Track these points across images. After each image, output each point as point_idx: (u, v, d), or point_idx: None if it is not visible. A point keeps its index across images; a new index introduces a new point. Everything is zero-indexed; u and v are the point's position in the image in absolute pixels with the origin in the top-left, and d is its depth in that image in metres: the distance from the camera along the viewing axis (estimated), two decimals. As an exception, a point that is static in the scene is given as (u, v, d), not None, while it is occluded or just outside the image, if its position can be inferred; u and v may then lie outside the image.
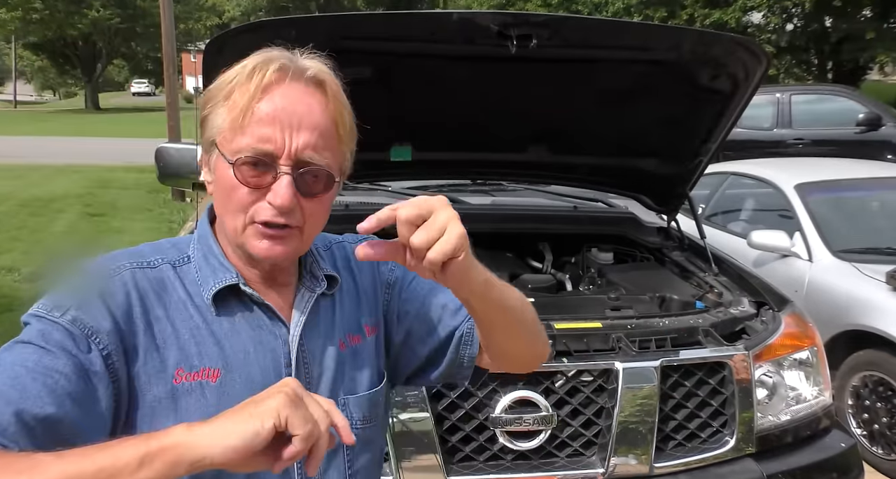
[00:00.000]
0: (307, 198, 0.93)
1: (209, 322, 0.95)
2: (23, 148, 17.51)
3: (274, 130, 0.90)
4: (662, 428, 2.08)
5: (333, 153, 0.95)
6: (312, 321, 1.01)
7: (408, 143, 2.77)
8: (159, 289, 0.95)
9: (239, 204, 0.92)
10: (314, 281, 1.03)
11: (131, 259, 0.96)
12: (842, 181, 4.60)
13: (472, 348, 1.10)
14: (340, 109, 0.96)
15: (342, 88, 0.98)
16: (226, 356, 0.94)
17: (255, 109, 0.90)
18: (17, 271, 6.61)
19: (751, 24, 18.42)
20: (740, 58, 2.34)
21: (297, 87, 0.92)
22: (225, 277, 0.96)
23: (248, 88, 0.90)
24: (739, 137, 7.39)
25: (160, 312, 0.93)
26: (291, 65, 0.93)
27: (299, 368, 0.98)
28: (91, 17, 34.39)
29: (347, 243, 1.15)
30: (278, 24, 2.30)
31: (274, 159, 0.90)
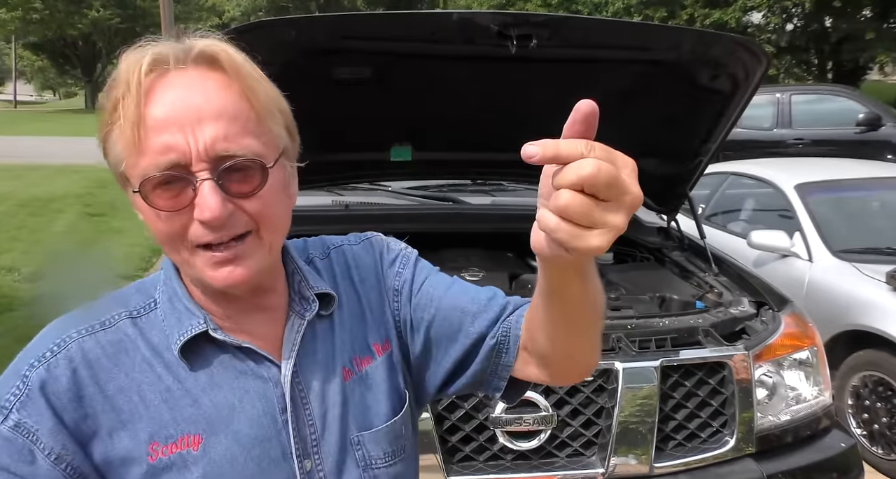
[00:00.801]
0: (244, 198, 0.76)
1: (183, 380, 0.81)
2: (23, 148, 17.51)
3: (172, 134, 0.73)
4: (662, 428, 2.08)
5: (257, 136, 0.77)
6: (308, 351, 0.87)
7: (408, 143, 2.77)
8: (117, 353, 0.80)
9: (171, 235, 0.77)
10: (304, 304, 0.88)
11: (81, 323, 0.82)
12: (842, 181, 4.60)
13: (508, 356, 0.93)
14: (250, 83, 0.78)
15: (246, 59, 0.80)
16: (207, 417, 0.80)
17: (145, 118, 0.73)
18: (17, 271, 6.61)
19: (751, 24, 18.42)
20: (740, 58, 2.34)
21: (183, 74, 0.75)
22: (191, 324, 0.81)
23: (129, 96, 0.74)
24: (739, 137, 7.41)
25: (122, 380, 0.79)
26: (170, 51, 0.76)
27: (298, 410, 0.84)
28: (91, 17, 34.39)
29: (348, 245, 1.00)
30: (278, 24, 2.29)
31: (185, 169, 0.74)
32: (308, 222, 2.83)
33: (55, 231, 8.54)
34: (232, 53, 0.78)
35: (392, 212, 3.08)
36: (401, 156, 2.78)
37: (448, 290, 0.96)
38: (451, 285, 0.97)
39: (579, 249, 0.60)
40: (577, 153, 0.59)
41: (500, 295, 0.97)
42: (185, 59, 0.76)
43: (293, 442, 0.83)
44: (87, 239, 8.16)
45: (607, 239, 0.60)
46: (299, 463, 0.83)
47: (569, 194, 0.59)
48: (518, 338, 0.92)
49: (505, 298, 0.97)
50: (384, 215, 3.02)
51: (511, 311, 0.94)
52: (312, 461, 0.84)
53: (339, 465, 0.86)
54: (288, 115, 0.83)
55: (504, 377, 0.94)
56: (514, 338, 0.92)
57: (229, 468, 0.80)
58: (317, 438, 0.85)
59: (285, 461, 0.82)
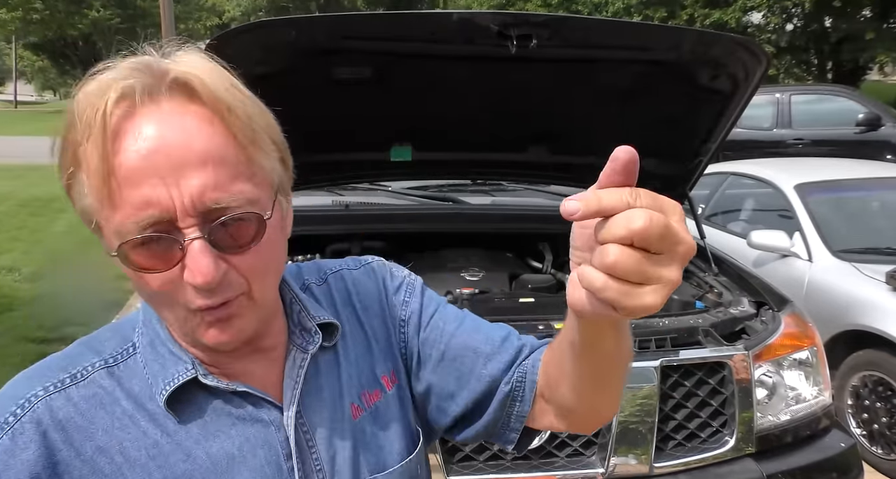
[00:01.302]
0: (238, 254, 0.67)
1: (172, 433, 0.71)
2: (23, 148, 17.48)
3: (151, 186, 0.62)
4: (662, 428, 2.08)
5: (248, 178, 0.67)
6: (312, 389, 0.79)
7: (408, 143, 2.77)
8: (92, 409, 0.70)
9: (156, 296, 0.68)
10: (305, 336, 0.80)
11: (49, 378, 0.71)
12: (842, 181, 4.60)
13: (523, 405, 0.86)
14: (233, 115, 0.66)
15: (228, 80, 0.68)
16: (203, 473, 0.71)
17: (115, 168, 0.63)
18: (17, 271, 6.62)
19: (751, 24, 18.42)
20: (740, 58, 2.34)
21: (156, 110, 0.64)
22: (177, 371, 0.72)
23: (93, 140, 0.63)
24: (739, 137, 7.41)
25: (100, 440, 0.69)
26: (139, 81, 0.64)
27: (304, 455, 0.76)
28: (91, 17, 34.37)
29: (347, 270, 0.90)
30: (278, 24, 2.29)
31: (170, 225, 0.64)
32: (308, 222, 2.83)
33: (55, 231, 8.54)
34: (207, 80, 0.66)
35: (392, 212, 3.08)
36: (401, 156, 2.78)
37: (459, 326, 0.88)
38: (462, 320, 0.89)
39: (631, 308, 0.54)
40: (623, 204, 0.53)
41: (514, 335, 0.90)
42: (157, 89, 0.64)
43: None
44: (87, 239, 8.12)
45: (662, 295, 0.54)
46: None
47: (617, 249, 0.52)
48: (535, 384, 0.85)
49: (520, 338, 0.90)
50: (384, 215, 3.02)
51: (527, 354, 0.88)
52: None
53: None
54: (282, 143, 0.73)
55: (518, 429, 0.87)
56: (529, 384, 0.85)
57: None
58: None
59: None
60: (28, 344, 4.66)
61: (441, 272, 2.65)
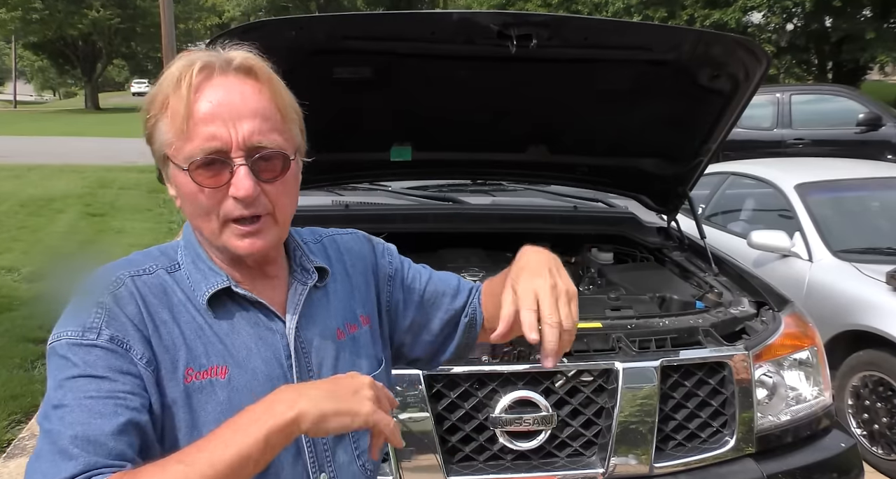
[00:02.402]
0: (268, 183, 0.95)
1: (210, 324, 0.98)
2: (23, 148, 17.51)
3: (217, 126, 0.91)
4: (662, 428, 2.08)
5: (282, 133, 0.96)
6: (307, 313, 1.05)
7: (408, 143, 2.77)
8: (160, 293, 0.97)
9: (207, 207, 0.94)
10: (305, 274, 1.07)
11: (127, 268, 0.98)
12: (842, 181, 4.60)
13: (475, 330, 1.23)
14: (277, 90, 0.97)
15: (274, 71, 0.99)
16: (231, 354, 0.97)
17: (193, 112, 0.91)
18: (17, 271, 6.61)
19: (751, 24, 18.42)
20: (740, 58, 2.34)
21: (226, 79, 0.93)
22: (216, 280, 0.99)
23: (181, 93, 0.91)
24: (739, 137, 7.40)
25: (165, 315, 0.96)
26: (216, 60, 0.94)
27: (300, 358, 1.02)
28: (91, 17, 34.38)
29: (338, 235, 1.20)
30: (278, 24, 2.30)
31: (225, 155, 0.91)
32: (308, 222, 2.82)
33: (55, 231, 8.54)
34: (264, 65, 0.97)
35: (392, 212, 3.08)
36: (401, 156, 2.78)
37: (430, 277, 1.24)
38: (429, 272, 1.25)
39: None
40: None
41: (462, 281, 1.28)
42: (227, 68, 0.94)
43: (296, 381, 0.99)
44: (87, 239, 8.16)
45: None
46: None
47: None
48: (481, 316, 1.23)
49: (467, 283, 1.27)
50: (384, 215, 3.02)
51: (475, 295, 1.25)
52: None
53: None
54: (301, 117, 1.02)
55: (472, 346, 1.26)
56: (479, 316, 1.23)
57: (247, 397, 0.95)
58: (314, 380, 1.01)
59: None
60: (28, 344, 4.66)
61: (441, 272, 2.65)
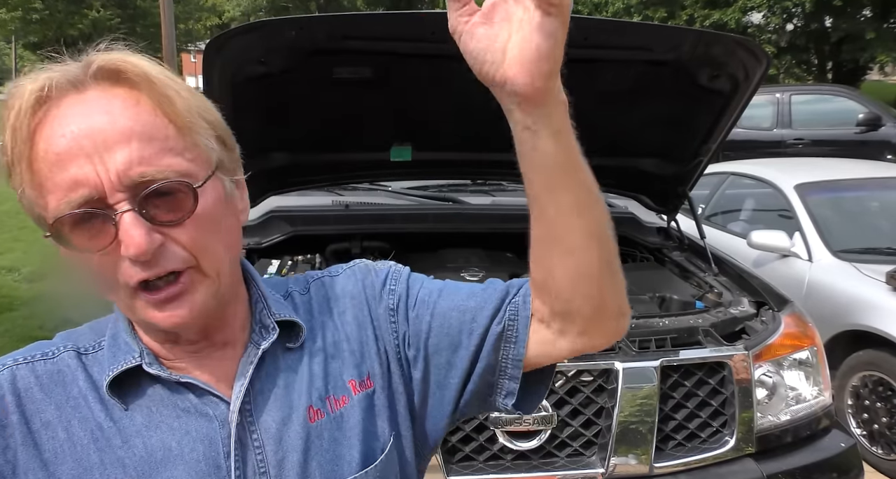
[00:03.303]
0: (172, 226, 0.67)
1: (116, 419, 0.72)
2: (23, 148, 17.50)
3: (78, 166, 0.64)
4: (662, 428, 2.08)
5: (178, 153, 0.68)
6: (266, 387, 0.76)
7: (408, 143, 2.76)
8: (51, 385, 0.73)
9: (103, 279, 0.69)
10: (263, 332, 0.78)
11: (23, 354, 0.76)
12: (842, 181, 4.60)
13: (518, 347, 0.81)
14: (163, 94, 0.68)
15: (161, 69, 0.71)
16: (136, 462, 0.71)
17: (42, 155, 0.65)
18: (17, 271, 6.62)
19: (751, 24, 18.42)
20: (740, 58, 2.34)
21: (81, 98, 0.66)
22: (125, 359, 0.73)
23: (20, 132, 0.66)
24: (739, 137, 7.40)
25: (51, 414, 0.71)
26: (67, 72, 0.67)
27: (246, 453, 0.73)
28: (91, 18, 34.34)
29: (328, 277, 0.89)
30: (278, 24, 2.29)
31: (101, 203, 0.65)
32: (308, 222, 2.84)
33: (55, 231, 8.54)
34: (138, 63, 0.68)
35: (392, 212, 3.08)
36: (401, 156, 2.78)
37: (441, 293, 0.86)
38: (443, 287, 0.87)
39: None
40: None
41: (499, 282, 0.87)
42: (83, 80, 0.67)
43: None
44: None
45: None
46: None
47: None
48: (528, 320, 0.81)
49: (507, 283, 0.86)
50: (384, 215, 3.02)
51: (515, 292, 0.83)
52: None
53: None
54: (219, 123, 0.74)
55: (516, 377, 0.82)
56: (523, 321, 0.81)
57: None
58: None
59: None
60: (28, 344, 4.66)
61: (441, 272, 2.65)
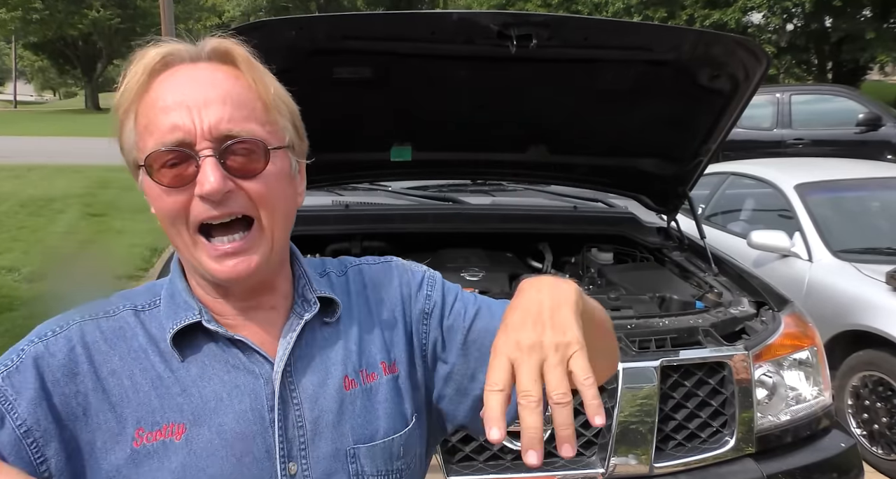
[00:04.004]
0: (246, 179, 0.79)
1: (175, 370, 0.82)
2: (23, 148, 17.50)
3: (179, 115, 0.77)
4: (662, 428, 2.08)
5: (261, 123, 0.80)
6: (305, 353, 0.86)
7: (408, 143, 2.76)
8: (115, 339, 0.83)
9: (172, 213, 0.79)
10: (305, 305, 0.88)
11: (87, 312, 0.85)
12: (842, 181, 4.60)
13: None
14: (259, 78, 0.82)
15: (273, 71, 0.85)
16: (193, 407, 0.81)
17: (153, 102, 0.78)
18: (17, 271, 6.61)
19: (751, 24, 18.41)
20: (740, 58, 2.34)
21: (195, 67, 0.80)
22: (185, 315, 0.83)
23: (141, 84, 0.79)
24: (739, 137, 7.41)
25: (116, 364, 0.81)
26: (185, 48, 0.81)
27: (287, 409, 0.83)
28: (91, 17, 34.35)
29: (366, 265, 1.00)
30: (278, 24, 2.29)
31: (189, 146, 0.77)
32: (308, 222, 2.83)
33: (55, 231, 8.53)
34: (245, 53, 0.82)
35: (392, 212, 3.08)
36: (401, 156, 2.78)
37: (478, 311, 0.95)
38: (479, 304, 0.97)
39: None
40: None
41: None
42: (197, 57, 0.81)
43: (278, 442, 0.82)
44: (87, 239, 8.16)
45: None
46: (282, 465, 0.82)
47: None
48: None
49: None
50: (384, 215, 3.02)
51: None
52: (299, 464, 0.83)
53: (329, 474, 0.84)
54: (295, 113, 0.86)
55: None
56: None
57: (208, 461, 0.79)
58: (305, 442, 0.84)
59: (268, 461, 0.82)
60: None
61: (441, 272, 2.65)
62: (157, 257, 7.27)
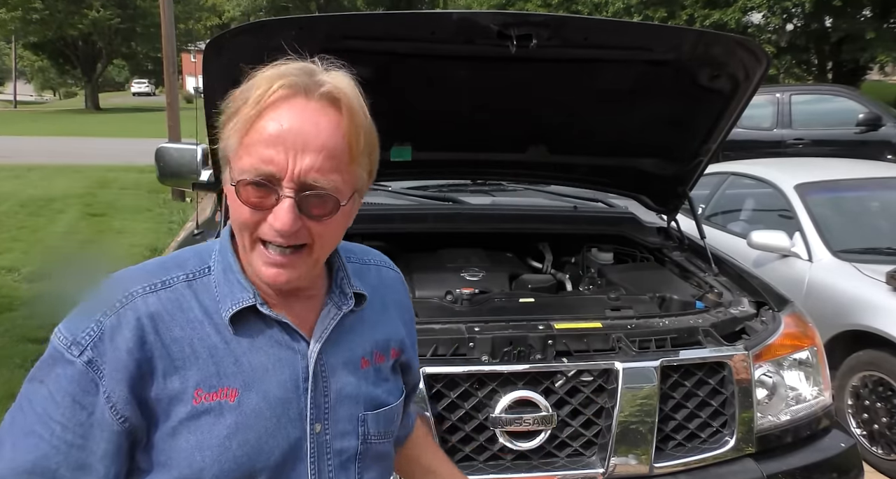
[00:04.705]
0: (313, 220, 0.91)
1: (228, 341, 0.95)
2: (23, 148, 17.50)
3: (277, 151, 0.88)
4: (662, 428, 2.08)
5: (342, 174, 0.92)
6: (335, 338, 1.02)
7: (408, 143, 2.77)
8: (174, 310, 0.94)
9: (244, 222, 0.92)
10: (342, 298, 1.03)
11: (144, 281, 0.95)
12: (842, 181, 4.61)
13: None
14: (355, 128, 0.93)
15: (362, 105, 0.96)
16: (244, 375, 0.94)
17: (260, 129, 0.89)
18: (17, 271, 6.61)
19: (751, 24, 18.42)
20: (740, 58, 2.34)
21: (306, 105, 0.90)
22: (242, 297, 0.95)
23: (256, 105, 0.89)
24: (739, 137, 7.40)
25: (177, 332, 0.93)
26: (304, 80, 0.91)
27: (317, 382, 0.99)
28: (91, 17, 34.36)
29: (386, 268, 1.17)
30: (279, 24, 2.30)
31: (277, 181, 0.88)
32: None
33: (55, 231, 8.54)
34: (352, 98, 0.94)
35: (392, 212, 3.08)
36: (401, 156, 2.78)
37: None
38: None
39: None
40: None
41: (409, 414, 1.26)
42: (312, 93, 0.91)
43: (309, 407, 0.98)
44: (87, 239, 8.16)
45: None
46: (311, 425, 0.98)
47: None
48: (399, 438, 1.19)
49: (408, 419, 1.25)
50: (384, 215, 3.02)
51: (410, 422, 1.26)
52: (322, 424, 1.00)
53: (344, 434, 1.02)
54: (375, 161, 1.00)
55: None
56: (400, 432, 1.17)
57: (255, 421, 0.94)
58: (329, 407, 1.00)
59: (300, 421, 0.97)
60: (28, 344, 4.65)
61: (441, 272, 2.65)
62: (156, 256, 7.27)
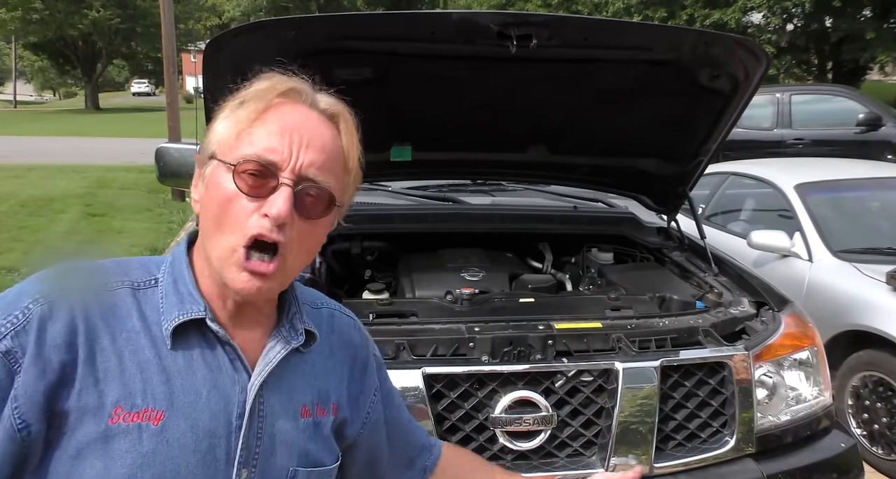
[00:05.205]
0: (303, 218, 0.89)
1: (162, 357, 0.86)
2: (23, 148, 17.50)
3: (282, 142, 0.87)
4: (662, 428, 2.08)
5: (338, 180, 0.92)
6: (278, 375, 0.93)
7: (408, 143, 2.76)
8: (110, 316, 0.86)
9: (234, 218, 0.86)
10: (292, 332, 0.96)
11: (87, 278, 0.89)
12: (842, 181, 4.61)
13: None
14: (350, 145, 0.96)
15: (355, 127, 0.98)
16: (173, 397, 0.85)
17: (266, 120, 0.89)
18: (17, 271, 6.61)
19: (751, 24, 18.42)
20: (740, 58, 2.34)
21: (310, 112, 0.92)
22: (192, 309, 0.88)
23: (263, 100, 0.90)
24: (739, 137, 7.40)
25: (106, 341, 0.84)
26: (308, 92, 0.94)
27: (252, 421, 0.90)
28: (91, 17, 34.35)
29: (339, 313, 1.10)
30: (278, 24, 2.29)
31: (277, 170, 0.87)
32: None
33: (55, 231, 8.54)
34: (349, 120, 0.97)
35: (392, 212, 3.08)
36: (401, 156, 2.78)
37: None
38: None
39: None
40: None
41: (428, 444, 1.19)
42: (315, 105, 0.93)
43: (239, 448, 0.88)
44: (87, 239, 8.16)
45: None
46: (237, 470, 0.88)
47: None
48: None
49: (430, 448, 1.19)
50: (384, 215, 3.02)
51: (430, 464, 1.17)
52: (249, 471, 0.89)
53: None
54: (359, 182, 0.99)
55: None
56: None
57: (178, 452, 0.84)
58: (260, 452, 0.90)
59: (226, 463, 0.88)
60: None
61: (441, 272, 2.65)
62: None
